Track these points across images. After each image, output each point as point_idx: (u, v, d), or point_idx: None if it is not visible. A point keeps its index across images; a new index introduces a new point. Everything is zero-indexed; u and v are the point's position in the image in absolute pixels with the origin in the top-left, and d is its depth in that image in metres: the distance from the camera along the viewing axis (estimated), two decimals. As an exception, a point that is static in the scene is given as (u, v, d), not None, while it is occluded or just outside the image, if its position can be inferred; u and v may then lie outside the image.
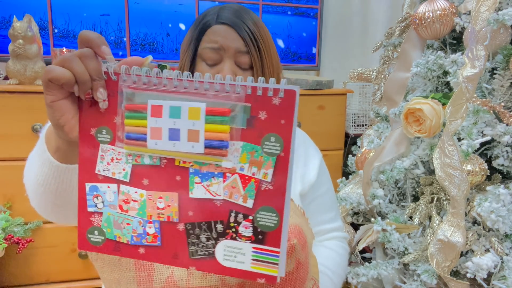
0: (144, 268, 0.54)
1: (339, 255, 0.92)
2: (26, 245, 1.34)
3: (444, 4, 1.13)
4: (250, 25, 0.77)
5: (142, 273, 0.54)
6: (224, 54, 0.77)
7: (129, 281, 0.55)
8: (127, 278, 0.55)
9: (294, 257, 0.54)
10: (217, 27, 0.77)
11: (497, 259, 0.94)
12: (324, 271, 0.86)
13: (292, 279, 0.55)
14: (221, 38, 0.76)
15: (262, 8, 1.89)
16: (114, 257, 0.56)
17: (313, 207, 0.92)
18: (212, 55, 0.76)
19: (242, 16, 0.78)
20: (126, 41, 1.74)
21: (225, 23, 0.77)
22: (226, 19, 0.77)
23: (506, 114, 0.99)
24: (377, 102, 1.47)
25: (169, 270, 0.54)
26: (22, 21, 1.37)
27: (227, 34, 0.76)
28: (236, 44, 0.76)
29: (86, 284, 1.50)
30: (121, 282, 0.56)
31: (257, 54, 0.77)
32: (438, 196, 1.05)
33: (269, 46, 0.81)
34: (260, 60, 0.78)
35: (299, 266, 0.55)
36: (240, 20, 0.77)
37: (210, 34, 0.77)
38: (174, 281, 0.53)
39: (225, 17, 0.77)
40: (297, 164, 0.91)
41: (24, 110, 1.38)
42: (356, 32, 2.20)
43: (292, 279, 0.55)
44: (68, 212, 0.61)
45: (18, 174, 1.45)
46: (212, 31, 0.77)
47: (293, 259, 0.54)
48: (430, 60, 1.13)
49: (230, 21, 0.77)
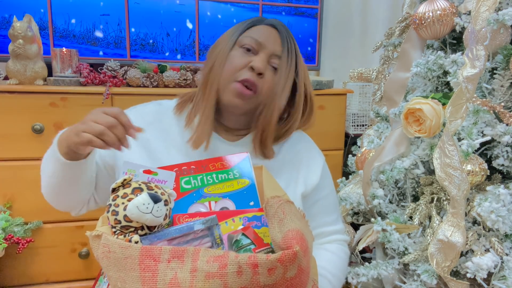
0: (148, 269, 0.55)
1: (339, 259, 0.93)
2: (26, 245, 1.35)
3: (444, 4, 1.13)
4: (290, 36, 0.87)
5: (147, 273, 0.55)
6: (261, 50, 0.83)
7: (133, 280, 0.56)
8: (132, 277, 0.56)
9: (297, 263, 0.54)
10: (264, 26, 0.86)
11: (497, 259, 0.94)
12: (324, 274, 0.86)
13: (294, 284, 0.55)
14: (265, 36, 0.83)
15: (262, 8, 1.89)
16: (120, 257, 0.57)
17: (315, 209, 0.92)
18: (252, 43, 0.82)
19: (288, 30, 0.87)
20: (126, 41, 1.74)
21: (273, 25, 0.86)
22: (275, 22, 0.86)
23: (506, 114, 0.99)
24: (377, 102, 1.47)
25: (173, 272, 0.54)
26: (22, 21, 1.37)
27: (271, 34, 0.84)
28: (275, 47, 0.83)
29: (86, 284, 1.50)
30: (126, 281, 0.56)
31: (287, 63, 0.84)
32: (438, 196, 1.05)
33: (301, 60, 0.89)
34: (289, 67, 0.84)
35: (300, 271, 0.55)
36: (285, 29, 0.86)
37: (257, 29, 0.85)
38: (177, 283, 0.53)
39: (274, 22, 0.87)
40: (300, 166, 0.92)
41: (24, 110, 1.38)
42: (356, 32, 2.20)
43: (294, 284, 0.55)
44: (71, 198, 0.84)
45: (18, 174, 1.46)
46: (259, 28, 0.85)
47: (295, 266, 0.54)
48: (430, 60, 1.13)
49: (278, 25, 0.86)
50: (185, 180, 0.73)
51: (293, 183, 0.89)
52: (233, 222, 0.68)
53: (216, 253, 0.55)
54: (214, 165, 0.76)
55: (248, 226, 0.66)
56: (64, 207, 0.87)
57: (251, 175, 0.76)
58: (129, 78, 1.53)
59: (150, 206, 0.59)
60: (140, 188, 0.63)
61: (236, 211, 0.71)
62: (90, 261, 1.51)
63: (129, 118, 0.70)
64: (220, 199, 0.73)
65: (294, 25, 1.94)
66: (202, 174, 0.74)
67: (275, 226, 0.61)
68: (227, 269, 0.52)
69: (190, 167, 0.74)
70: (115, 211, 0.61)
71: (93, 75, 1.49)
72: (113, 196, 0.63)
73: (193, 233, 0.63)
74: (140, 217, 0.59)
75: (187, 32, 1.81)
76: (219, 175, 0.75)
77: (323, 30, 2.03)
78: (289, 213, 0.63)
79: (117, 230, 0.62)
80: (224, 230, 0.67)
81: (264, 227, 0.68)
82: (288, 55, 0.83)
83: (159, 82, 1.56)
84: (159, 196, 0.61)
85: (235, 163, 0.76)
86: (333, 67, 2.19)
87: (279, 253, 0.53)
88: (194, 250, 0.55)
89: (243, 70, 0.80)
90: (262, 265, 0.52)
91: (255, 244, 0.62)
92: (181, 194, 0.72)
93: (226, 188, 0.74)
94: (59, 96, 1.40)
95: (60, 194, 0.83)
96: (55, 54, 1.46)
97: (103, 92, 1.43)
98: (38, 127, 1.39)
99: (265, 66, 0.81)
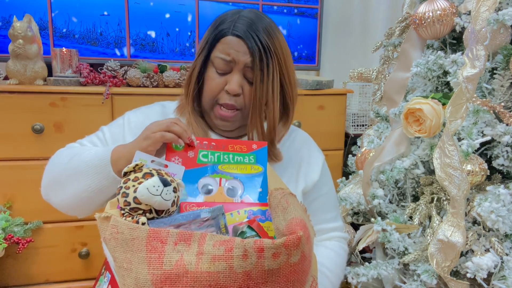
0: (155, 250, 0.56)
1: (338, 255, 0.93)
2: (26, 245, 1.35)
3: (444, 4, 1.13)
4: (263, 38, 0.80)
5: (153, 254, 0.56)
6: (234, 66, 0.81)
7: (140, 261, 0.56)
8: (138, 258, 0.57)
9: (300, 249, 0.55)
10: (231, 38, 0.80)
11: (497, 259, 0.94)
12: (322, 270, 0.86)
13: (297, 270, 0.56)
14: (233, 51, 0.80)
15: (262, 8, 1.89)
16: (128, 238, 0.58)
17: (314, 206, 0.93)
18: (223, 66, 0.81)
19: (257, 28, 0.80)
20: (126, 41, 1.74)
21: (239, 35, 0.80)
22: (241, 30, 0.80)
23: (506, 114, 0.99)
24: (377, 102, 1.47)
25: (179, 254, 0.55)
26: (22, 21, 1.37)
27: (239, 47, 0.80)
28: (245, 59, 0.80)
29: (86, 284, 1.50)
30: (132, 261, 0.57)
31: (261, 71, 0.80)
32: (438, 196, 1.05)
33: (284, 59, 0.83)
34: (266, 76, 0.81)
35: (303, 258, 0.57)
36: (254, 33, 0.80)
37: (224, 44, 0.81)
38: (183, 264, 0.54)
39: (239, 28, 0.80)
40: (300, 163, 0.93)
41: (24, 110, 1.38)
42: (356, 32, 2.20)
43: (297, 270, 0.56)
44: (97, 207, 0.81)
45: (18, 174, 1.46)
46: (226, 42, 0.81)
47: (299, 251, 0.55)
48: (430, 60, 1.13)
49: (244, 34, 0.80)
50: (203, 154, 0.77)
51: (293, 180, 0.91)
52: (238, 214, 0.70)
53: (222, 237, 0.56)
54: (233, 147, 0.79)
55: (253, 219, 0.68)
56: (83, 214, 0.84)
57: (265, 164, 0.79)
58: (129, 78, 1.53)
59: (160, 188, 0.61)
60: (151, 173, 0.65)
61: (242, 204, 0.73)
62: (90, 261, 1.51)
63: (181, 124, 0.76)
64: (231, 178, 0.76)
65: (294, 25, 1.94)
66: (220, 152, 0.78)
67: (279, 215, 0.63)
68: (233, 252, 0.53)
69: (211, 143, 0.79)
70: (125, 193, 0.63)
71: (93, 75, 1.49)
72: (124, 179, 0.65)
73: (200, 221, 0.64)
74: (150, 199, 0.61)
75: (187, 32, 1.81)
76: (236, 157, 0.78)
77: (323, 30, 2.03)
78: (293, 203, 0.65)
79: (125, 212, 0.63)
80: (229, 221, 0.68)
81: (268, 221, 0.70)
82: (261, 62, 0.80)
83: (159, 82, 1.56)
84: (168, 180, 0.63)
85: (253, 149, 0.80)
86: (333, 67, 2.19)
87: (284, 238, 0.54)
88: (201, 235, 0.56)
89: (221, 93, 0.82)
90: (268, 249, 0.53)
91: (260, 236, 0.64)
92: (197, 164, 0.76)
93: (240, 170, 0.77)
94: (59, 96, 1.40)
95: (91, 204, 0.81)
96: (55, 54, 1.46)
97: (103, 92, 1.43)
98: (38, 127, 1.39)
99: (240, 84, 0.81)
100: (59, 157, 0.83)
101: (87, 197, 0.77)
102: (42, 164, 0.85)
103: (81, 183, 0.76)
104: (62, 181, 0.79)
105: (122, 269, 0.59)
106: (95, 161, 0.76)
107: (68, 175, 0.78)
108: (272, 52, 0.80)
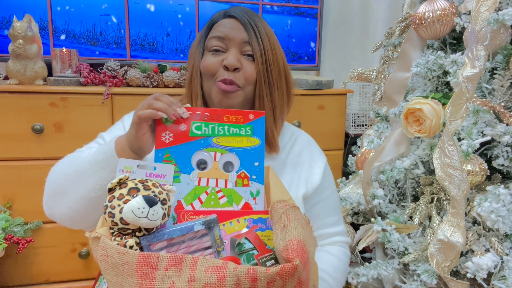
0: (145, 276, 0.55)
1: (340, 261, 0.92)
2: (26, 245, 1.35)
3: (444, 4, 1.13)
4: (257, 21, 0.82)
5: (144, 281, 0.54)
6: (230, 44, 0.81)
7: (131, 286, 0.55)
8: (129, 283, 0.55)
9: (296, 277, 0.54)
10: (224, 20, 0.83)
11: (497, 259, 0.94)
12: (324, 277, 0.85)
13: None
14: (227, 29, 0.81)
15: (262, 8, 1.89)
16: (117, 262, 0.56)
17: (316, 210, 0.92)
18: (217, 43, 0.81)
19: (249, 13, 0.83)
20: (126, 41, 1.74)
21: (231, 16, 0.82)
22: (233, 12, 0.83)
23: (506, 114, 0.99)
24: (377, 102, 1.47)
25: (170, 280, 0.54)
26: (22, 21, 1.37)
27: (232, 25, 0.81)
28: (241, 35, 0.81)
29: (86, 284, 1.50)
30: (124, 286, 0.56)
31: (259, 46, 0.81)
32: (438, 196, 1.05)
33: (274, 43, 0.84)
34: (264, 52, 0.81)
35: (299, 284, 0.55)
36: (247, 15, 0.82)
37: (217, 26, 0.83)
38: None
39: (232, 11, 0.83)
40: (301, 167, 0.92)
41: (24, 110, 1.38)
42: (356, 32, 2.20)
43: None
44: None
45: (18, 174, 1.46)
46: (218, 24, 0.83)
47: (295, 279, 0.54)
48: (430, 60, 1.13)
49: (237, 14, 0.82)
50: (196, 126, 0.73)
51: (294, 184, 0.89)
52: (237, 222, 0.68)
53: (214, 262, 0.54)
54: (229, 117, 0.75)
55: (251, 229, 0.66)
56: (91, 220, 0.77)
57: (262, 135, 0.75)
58: (129, 78, 1.53)
59: (146, 210, 0.58)
60: (136, 188, 0.61)
61: (241, 212, 0.70)
62: (90, 261, 1.51)
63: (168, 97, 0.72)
64: (226, 152, 0.73)
65: (294, 25, 1.94)
66: (214, 123, 0.74)
67: (279, 233, 0.60)
68: (226, 281, 0.51)
69: (204, 113, 0.74)
70: (111, 213, 0.60)
71: (93, 75, 1.49)
72: (109, 197, 0.62)
73: (193, 233, 0.62)
74: (136, 221, 0.59)
75: (187, 32, 1.81)
76: (231, 129, 0.74)
77: (323, 30, 2.03)
78: (294, 220, 0.62)
79: (115, 231, 0.61)
80: (228, 230, 0.66)
81: (269, 230, 0.67)
82: (257, 37, 0.81)
83: (159, 82, 1.56)
84: (154, 199, 0.60)
85: (249, 120, 0.75)
86: (333, 67, 2.19)
87: (279, 267, 0.52)
88: (192, 259, 0.54)
89: (220, 71, 0.81)
90: (261, 279, 0.51)
91: (258, 250, 0.62)
92: (190, 138, 0.72)
93: (235, 143, 0.73)
94: (59, 96, 1.41)
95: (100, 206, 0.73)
96: (55, 54, 1.47)
97: (103, 92, 1.43)
98: (38, 127, 1.39)
99: (238, 59, 0.80)
100: (58, 166, 0.80)
101: (96, 197, 0.72)
102: (42, 164, 0.84)
103: (88, 182, 0.73)
104: (66, 188, 0.75)
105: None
106: (99, 157, 0.73)
107: (72, 179, 0.74)
108: (264, 34, 0.82)
